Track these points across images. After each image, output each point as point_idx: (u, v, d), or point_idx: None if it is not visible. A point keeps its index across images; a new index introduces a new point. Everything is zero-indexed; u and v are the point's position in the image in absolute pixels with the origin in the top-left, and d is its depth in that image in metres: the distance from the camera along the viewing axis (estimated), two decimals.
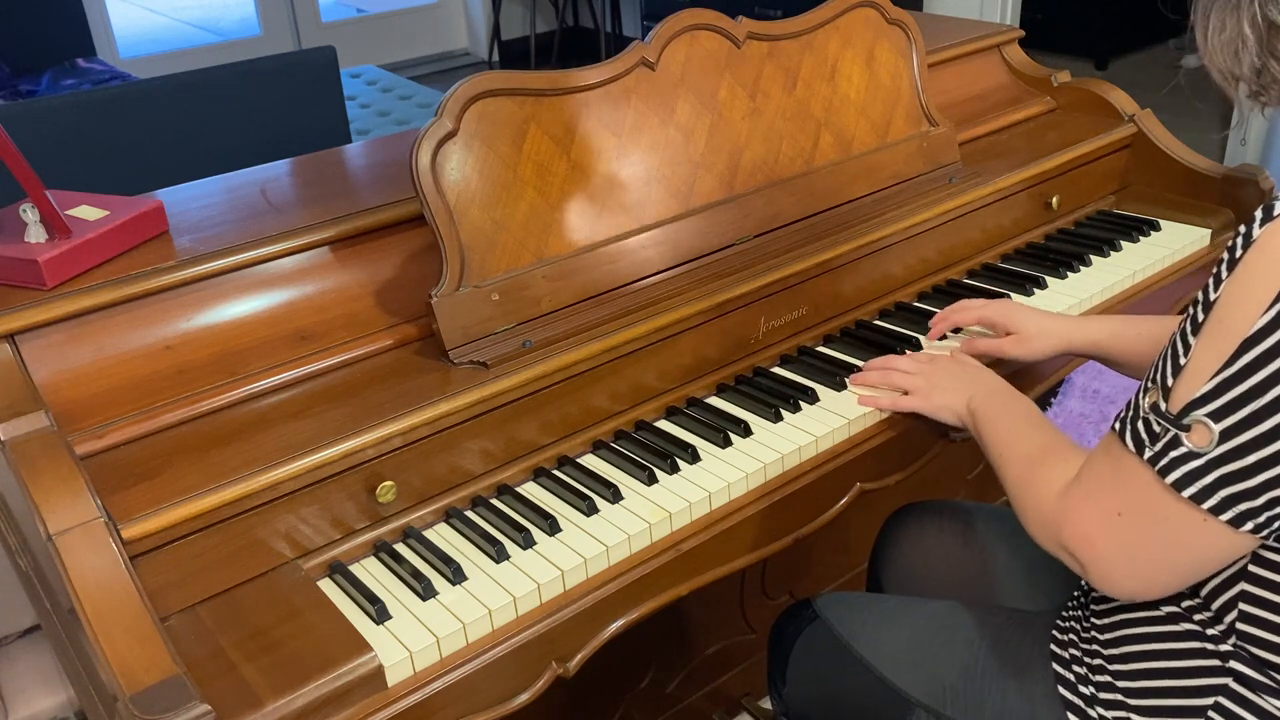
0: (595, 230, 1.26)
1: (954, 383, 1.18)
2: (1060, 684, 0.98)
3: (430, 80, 5.30)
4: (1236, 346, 0.75)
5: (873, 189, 1.50)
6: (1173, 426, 0.79)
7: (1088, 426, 2.50)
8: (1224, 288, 0.78)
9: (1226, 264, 0.78)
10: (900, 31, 1.52)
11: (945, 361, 1.23)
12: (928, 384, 1.21)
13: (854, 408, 1.24)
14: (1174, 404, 0.79)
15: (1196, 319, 0.80)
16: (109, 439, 1.02)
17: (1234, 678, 0.88)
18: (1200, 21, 0.85)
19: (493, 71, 1.20)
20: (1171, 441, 0.79)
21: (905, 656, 1.10)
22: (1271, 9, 0.80)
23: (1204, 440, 0.77)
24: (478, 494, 1.13)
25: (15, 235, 1.12)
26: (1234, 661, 0.88)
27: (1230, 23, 0.82)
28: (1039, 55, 1.88)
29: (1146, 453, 0.81)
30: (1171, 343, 0.82)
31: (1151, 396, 0.82)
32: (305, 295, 1.18)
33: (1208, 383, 0.77)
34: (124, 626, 0.86)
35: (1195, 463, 0.78)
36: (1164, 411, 0.80)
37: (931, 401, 1.19)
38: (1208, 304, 0.79)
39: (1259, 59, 0.82)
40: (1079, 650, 1.00)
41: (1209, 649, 0.89)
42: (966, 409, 1.15)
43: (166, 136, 2.25)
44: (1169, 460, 0.79)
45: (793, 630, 1.21)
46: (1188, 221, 1.68)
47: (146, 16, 6.86)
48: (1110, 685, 0.95)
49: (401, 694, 0.93)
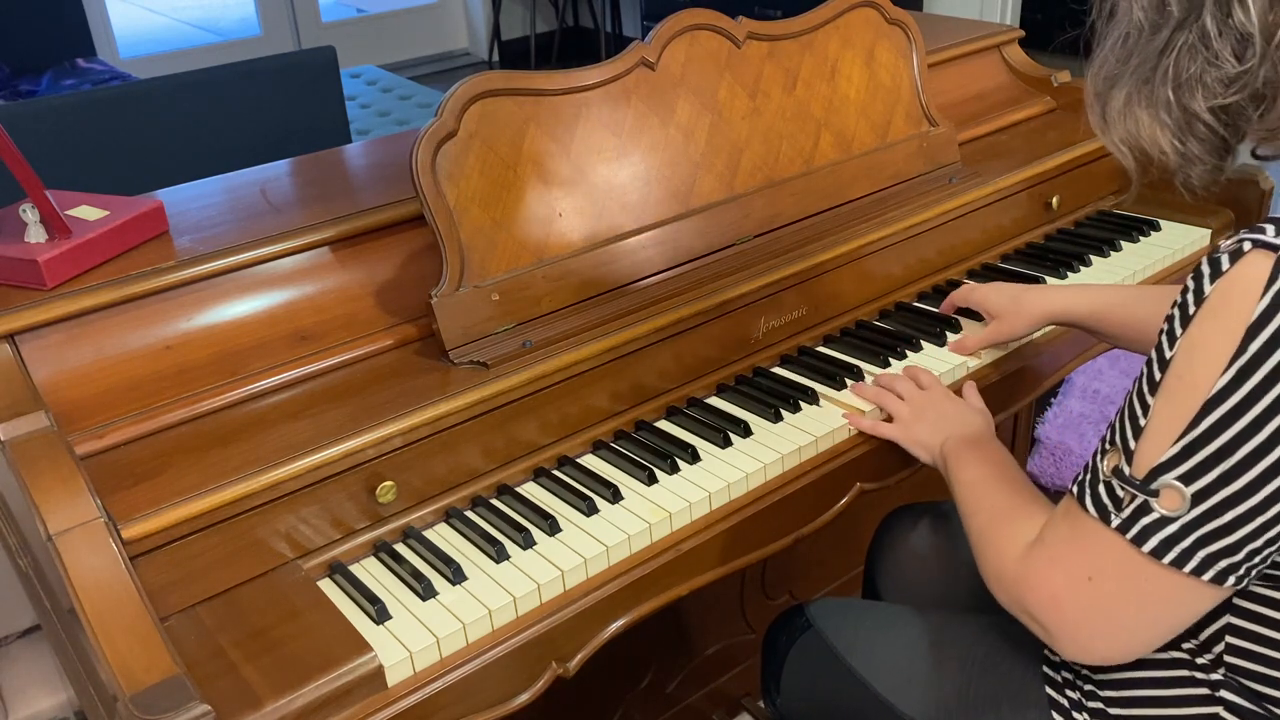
0: (595, 230, 1.26)
1: (935, 421, 1.17)
2: (1054, 708, 0.98)
3: (430, 80, 5.30)
4: (1199, 408, 0.73)
5: (873, 189, 1.50)
6: (1140, 492, 0.77)
7: (1087, 426, 2.50)
8: (1179, 345, 0.76)
9: (1179, 320, 0.76)
10: (900, 31, 1.52)
11: (939, 397, 1.21)
12: (911, 416, 1.19)
13: (852, 407, 1.24)
14: (1138, 468, 0.77)
15: (1153, 377, 0.77)
16: (109, 439, 1.02)
17: (1225, 707, 0.87)
18: (1097, 99, 0.82)
19: (493, 71, 1.20)
20: (1141, 508, 0.77)
21: (900, 672, 1.09)
22: (1186, 96, 0.77)
23: (1175, 504, 0.75)
24: (478, 494, 1.13)
25: (15, 235, 1.12)
26: (1224, 691, 0.87)
27: (1139, 102, 0.79)
28: (1039, 55, 1.88)
29: (1114, 520, 0.79)
30: (1129, 403, 0.80)
31: (1112, 460, 0.80)
32: (305, 295, 1.18)
33: (1173, 446, 0.75)
34: (124, 626, 0.86)
35: (1170, 528, 0.76)
36: (1128, 476, 0.78)
37: (910, 434, 1.18)
38: (1163, 361, 0.77)
39: (1180, 140, 0.79)
40: (1071, 672, 0.99)
41: (1199, 678, 0.88)
42: (940, 451, 1.13)
43: (166, 136, 2.25)
44: (1141, 528, 0.77)
45: (786, 639, 1.21)
46: (1188, 221, 1.68)
47: (146, 16, 6.86)
48: (1102, 712, 0.94)
49: (401, 694, 0.93)
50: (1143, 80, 0.79)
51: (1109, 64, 0.82)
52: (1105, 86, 0.82)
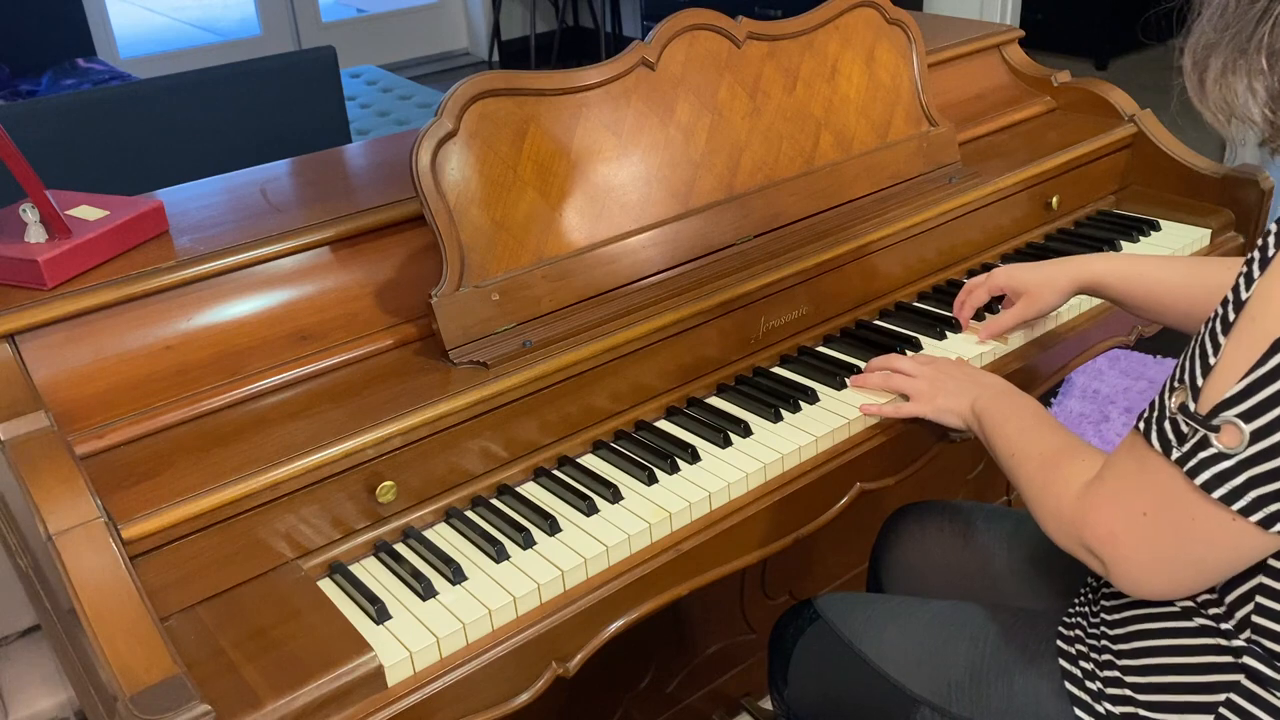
0: (595, 230, 1.26)
1: (957, 385, 1.18)
2: (1067, 679, 0.98)
3: (430, 80, 5.30)
4: (1269, 346, 0.74)
5: (873, 189, 1.50)
6: (1202, 427, 0.78)
7: (1087, 426, 2.50)
8: (1256, 286, 0.76)
9: (1259, 261, 0.77)
10: (900, 31, 1.52)
11: (946, 364, 1.22)
12: (930, 387, 1.20)
13: (854, 408, 1.24)
14: (1203, 404, 0.78)
15: (1227, 318, 0.78)
16: (109, 439, 1.02)
17: (1246, 674, 0.87)
18: (1195, 67, 0.83)
19: (493, 71, 1.20)
20: (1200, 442, 0.78)
21: (909, 654, 1.10)
22: None
23: (1234, 441, 0.76)
24: (478, 494, 1.13)
25: (15, 235, 1.12)
26: (1247, 658, 0.87)
27: (1235, 70, 0.80)
28: (1039, 55, 1.88)
29: (1174, 453, 0.80)
30: (1199, 341, 0.81)
31: (1179, 397, 0.81)
32: (305, 295, 1.18)
33: (1238, 383, 0.76)
34: (124, 626, 0.86)
35: (1225, 464, 0.77)
36: (1193, 412, 0.79)
37: (935, 404, 1.19)
38: (1239, 302, 0.77)
39: (1271, 110, 0.80)
40: (1085, 645, 0.99)
41: (1222, 644, 0.89)
42: (971, 411, 1.14)
43: (166, 136, 2.25)
44: (1198, 461, 0.78)
45: (794, 631, 1.21)
46: (1188, 221, 1.68)
47: (146, 16, 6.86)
48: (1119, 680, 0.95)
49: (401, 694, 0.93)
50: (1239, 49, 0.80)
51: (1207, 34, 0.82)
52: (1203, 55, 0.83)
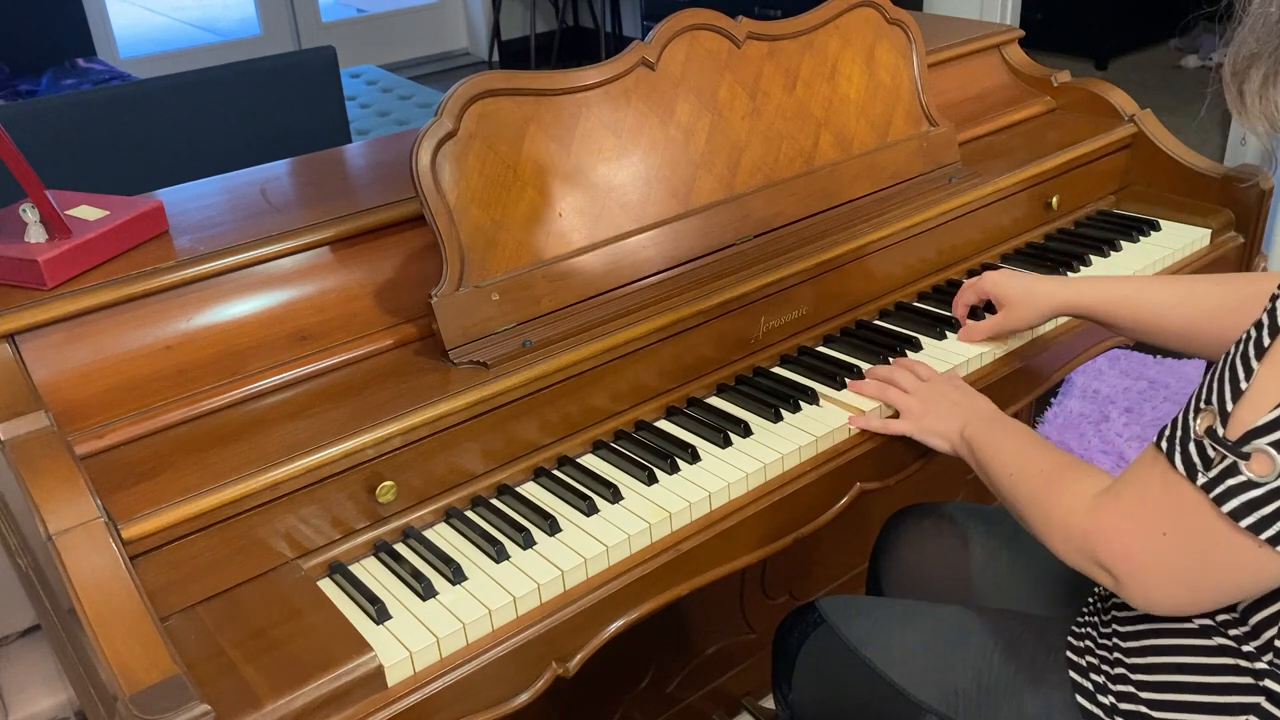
0: (595, 230, 1.26)
1: (949, 409, 1.17)
2: (1078, 692, 0.97)
3: (430, 80, 5.30)
4: None
5: (872, 189, 1.50)
6: (1231, 454, 0.77)
7: (1088, 426, 2.50)
8: None
9: None
10: (900, 31, 1.52)
11: (943, 385, 1.21)
12: (921, 407, 1.19)
13: (854, 408, 1.24)
14: (1233, 430, 0.77)
15: (1261, 341, 0.77)
16: (109, 439, 1.02)
17: (1267, 697, 0.86)
18: (1235, 77, 0.83)
19: (493, 71, 1.20)
20: (1230, 469, 0.77)
21: (916, 661, 1.09)
22: None
23: (1265, 469, 0.75)
24: (478, 494, 1.13)
25: (15, 235, 1.12)
26: (1269, 680, 0.86)
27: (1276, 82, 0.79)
28: (1039, 55, 1.88)
29: (1200, 478, 0.78)
30: (1229, 363, 0.79)
31: (1206, 420, 0.79)
32: (305, 295, 1.18)
33: (1272, 411, 0.75)
34: (124, 626, 0.86)
35: (1255, 492, 0.76)
36: (1221, 438, 0.77)
37: (922, 425, 1.18)
38: (1275, 327, 0.76)
39: None
40: (1096, 657, 0.98)
41: (1243, 665, 0.87)
42: (961, 437, 1.13)
43: (166, 136, 2.25)
44: (1226, 488, 0.77)
45: (798, 634, 1.20)
46: (1188, 221, 1.68)
47: (146, 16, 6.86)
48: (1133, 696, 0.93)
49: (401, 694, 0.93)
50: None
51: (1248, 44, 0.81)
52: (1244, 65, 0.82)
